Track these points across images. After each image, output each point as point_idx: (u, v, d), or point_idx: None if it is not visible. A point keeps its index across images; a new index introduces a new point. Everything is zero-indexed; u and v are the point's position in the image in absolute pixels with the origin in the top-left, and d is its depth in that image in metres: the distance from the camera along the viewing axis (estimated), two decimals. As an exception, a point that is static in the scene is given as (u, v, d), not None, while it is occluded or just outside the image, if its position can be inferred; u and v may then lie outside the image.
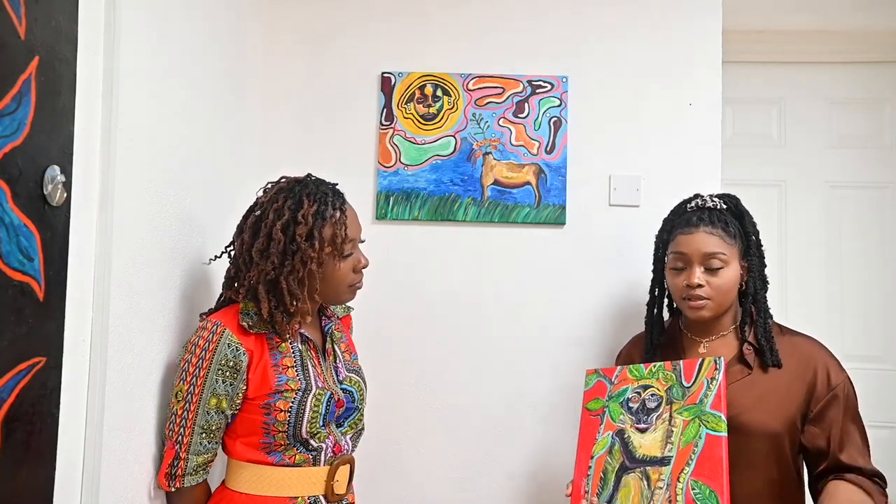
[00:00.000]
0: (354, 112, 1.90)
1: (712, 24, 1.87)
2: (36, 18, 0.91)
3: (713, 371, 1.25)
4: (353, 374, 1.37)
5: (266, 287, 1.23)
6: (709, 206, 1.44)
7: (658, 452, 1.23)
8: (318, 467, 1.26)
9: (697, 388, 1.25)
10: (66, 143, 0.99)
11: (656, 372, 1.33)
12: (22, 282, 0.89)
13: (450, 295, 1.86)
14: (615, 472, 1.27)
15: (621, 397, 1.35)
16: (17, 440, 0.89)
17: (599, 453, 1.32)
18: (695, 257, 1.39)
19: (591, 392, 1.42)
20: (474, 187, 1.86)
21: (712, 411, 1.20)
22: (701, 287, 1.37)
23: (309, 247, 1.22)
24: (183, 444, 1.20)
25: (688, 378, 1.28)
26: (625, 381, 1.37)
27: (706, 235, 1.39)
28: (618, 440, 1.30)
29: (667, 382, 1.30)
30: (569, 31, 1.89)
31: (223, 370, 1.20)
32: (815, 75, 2.22)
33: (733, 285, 1.39)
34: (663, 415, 1.27)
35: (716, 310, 1.39)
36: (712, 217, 1.41)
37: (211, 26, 1.50)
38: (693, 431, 1.20)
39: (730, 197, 1.47)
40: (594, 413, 1.38)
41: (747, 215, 1.44)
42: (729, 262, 1.38)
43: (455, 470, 1.84)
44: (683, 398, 1.26)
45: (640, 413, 1.30)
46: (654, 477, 1.21)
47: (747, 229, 1.42)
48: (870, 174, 2.20)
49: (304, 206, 1.24)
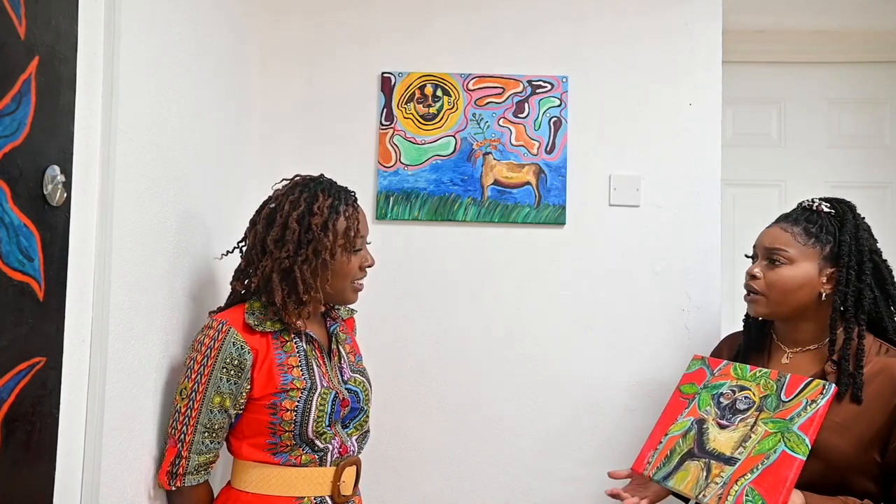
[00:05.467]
0: (354, 112, 1.90)
1: (712, 24, 1.87)
2: (36, 18, 0.91)
3: (817, 394, 1.22)
4: (357, 375, 1.37)
5: (280, 275, 1.25)
6: (805, 205, 1.40)
7: (728, 451, 1.24)
8: (325, 468, 1.26)
9: (794, 405, 1.23)
10: (66, 143, 0.99)
11: (760, 377, 1.32)
12: (22, 282, 0.89)
13: (450, 295, 1.86)
14: (681, 455, 1.30)
15: (716, 390, 1.36)
16: (17, 440, 0.89)
17: (675, 433, 1.35)
18: (760, 249, 1.38)
19: (689, 376, 1.44)
20: (474, 187, 1.86)
21: (798, 432, 1.19)
22: (756, 279, 1.35)
23: (324, 236, 1.25)
24: (185, 443, 1.21)
25: (788, 393, 1.26)
26: (725, 376, 1.38)
27: (778, 230, 1.36)
28: (696, 427, 1.33)
29: (766, 391, 1.29)
30: (569, 31, 1.89)
31: (228, 368, 1.21)
32: (815, 75, 2.23)
33: (795, 287, 1.32)
34: (748, 419, 1.27)
35: (770, 308, 1.35)
36: (800, 216, 1.37)
37: (212, 25, 1.50)
38: (770, 444, 1.20)
39: (841, 202, 1.39)
40: (685, 396, 1.41)
41: (852, 223, 1.34)
42: (794, 260, 1.32)
43: (456, 470, 1.84)
44: (775, 410, 1.25)
45: (726, 410, 1.31)
46: (715, 471, 1.23)
47: (843, 237, 1.32)
48: (870, 174, 2.20)
49: (319, 199, 1.27)
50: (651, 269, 1.85)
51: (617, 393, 1.83)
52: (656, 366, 1.83)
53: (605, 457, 1.81)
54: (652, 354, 1.83)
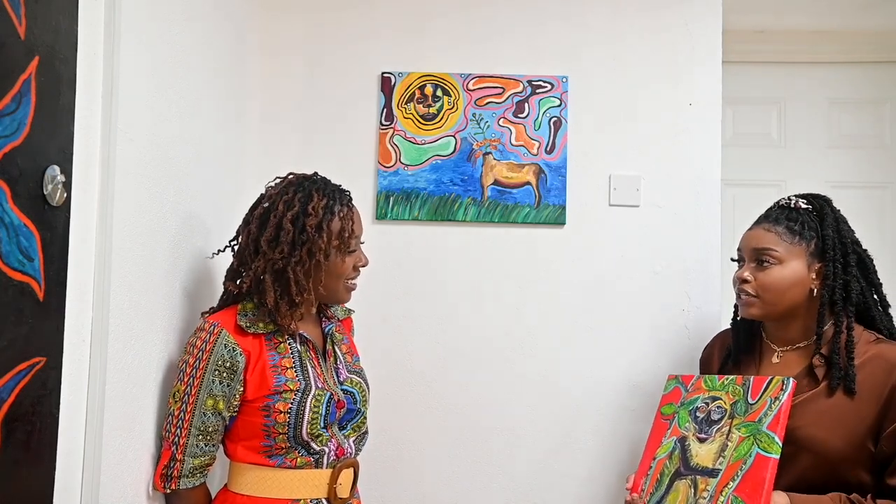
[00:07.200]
0: (354, 112, 1.90)
1: (712, 24, 1.87)
2: (36, 18, 0.91)
3: (778, 391, 1.22)
4: (353, 376, 1.36)
5: (273, 276, 1.24)
6: (783, 203, 1.40)
7: (710, 464, 1.25)
8: (321, 470, 1.26)
9: (760, 406, 1.24)
10: (66, 143, 0.99)
11: (727, 385, 1.33)
12: (22, 282, 0.89)
13: (450, 295, 1.86)
14: (670, 477, 1.30)
15: (691, 405, 1.37)
16: (17, 440, 0.89)
17: (661, 456, 1.35)
18: (746, 252, 1.38)
19: (667, 396, 1.44)
20: (474, 187, 1.86)
21: (767, 431, 1.19)
22: (746, 282, 1.35)
23: (318, 237, 1.24)
24: (179, 446, 1.20)
25: (754, 395, 1.26)
26: (698, 390, 1.38)
27: (762, 231, 1.36)
28: (679, 446, 1.33)
29: (734, 397, 1.30)
30: (569, 31, 1.89)
31: (220, 371, 1.20)
32: (815, 75, 2.23)
33: (788, 286, 1.32)
34: (723, 428, 1.27)
35: (766, 309, 1.35)
36: (780, 214, 1.37)
37: (211, 25, 1.50)
38: (745, 448, 1.21)
39: (817, 197, 1.39)
40: (666, 417, 1.41)
41: (831, 217, 1.35)
42: (783, 260, 1.32)
43: (456, 470, 1.84)
44: (745, 414, 1.25)
45: (703, 423, 1.32)
46: (701, 486, 1.23)
47: (825, 231, 1.33)
48: (870, 174, 2.20)
49: (313, 199, 1.26)
50: (651, 269, 1.85)
51: (617, 393, 1.83)
52: (656, 366, 1.82)
53: (604, 457, 1.81)
54: (652, 354, 1.83)
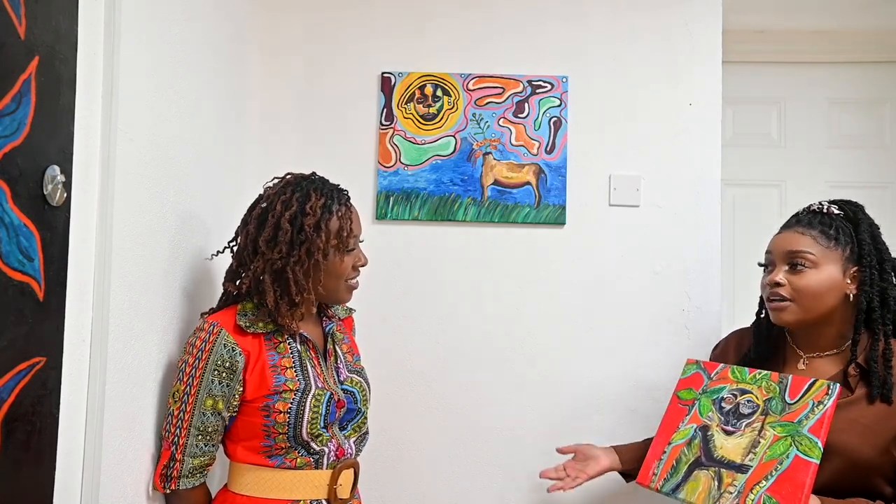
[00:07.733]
0: (354, 112, 1.90)
1: (712, 24, 1.87)
2: (36, 18, 0.91)
3: (823, 395, 1.20)
4: (354, 375, 1.36)
5: (272, 277, 1.24)
6: (815, 208, 1.37)
7: (738, 458, 1.22)
8: (321, 471, 1.25)
9: (800, 407, 1.21)
10: (66, 143, 0.99)
11: (760, 380, 1.29)
12: (22, 282, 0.89)
13: (450, 295, 1.86)
14: (688, 465, 1.27)
15: (715, 395, 1.33)
16: (17, 440, 0.89)
17: (678, 442, 1.32)
18: (777, 255, 1.33)
19: (686, 381, 1.41)
20: (474, 187, 1.86)
21: (809, 434, 1.17)
22: (780, 286, 1.31)
23: (317, 237, 1.23)
24: (178, 446, 1.20)
25: (793, 395, 1.23)
26: (724, 380, 1.35)
27: (796, 235, 1.32)
28: (700, 435, 1.30)
29: (768, 393, 1.27)
30: (569, 31, 1.89)
31: (219, 371, 1.20)
32: (815, 75, 2.23)
33: (824, 291, 1.28)
34: (754, 423, 1.24)
35: (800, 315, 1.30)
36: (813, 219, 1.33)
37: (211, 25, 1.50)
38: (782, 448, 1.18)
39: (849, 203, 1.37)
40: (684, 402, 1.37)
41: (866, 223, 1.33)
42: (818, 263, 1.29)
43: (456, 470, 1.84)
44: (781, 413, 1.23)
45: (730, 415, 1.29)
46: (727, 480, 1.20)
47: (861, 236, 1.30)
48: (870, 174, 2.20)
49: (311, 198, 1.25)
50: (651, 269, 1.85)
51: (617, 393, 1.83)
52: (656, 366, 1.82)
53: (605, 457, 1.81)
54: (652, 354, 1.83)
